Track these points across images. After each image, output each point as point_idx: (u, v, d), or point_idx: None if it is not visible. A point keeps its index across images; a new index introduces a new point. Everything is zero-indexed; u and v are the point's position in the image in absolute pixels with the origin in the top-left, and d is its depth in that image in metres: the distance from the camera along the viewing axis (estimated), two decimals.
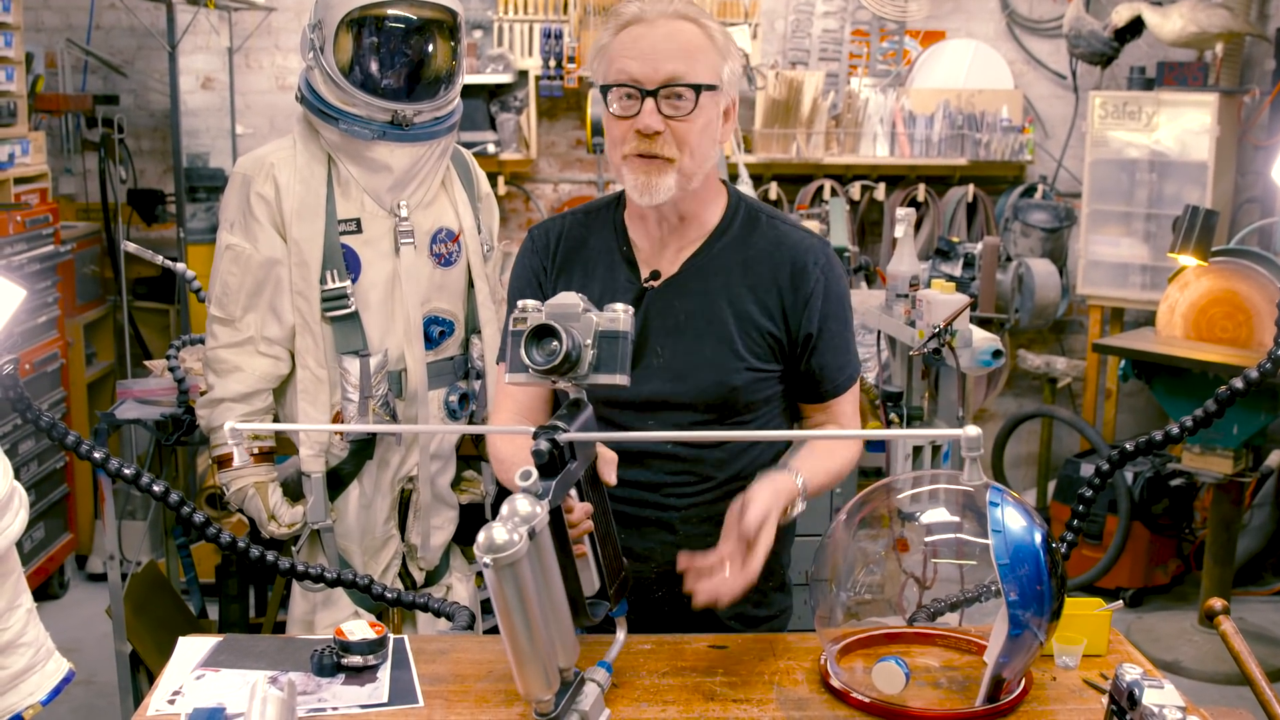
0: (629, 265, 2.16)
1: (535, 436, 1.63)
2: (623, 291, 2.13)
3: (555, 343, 1.66)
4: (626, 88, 2.00)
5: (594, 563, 1.80)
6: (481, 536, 1.50)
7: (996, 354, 3.40)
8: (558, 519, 1.65)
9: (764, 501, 1.88)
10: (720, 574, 1.85)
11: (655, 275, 2.14)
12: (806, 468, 2.04)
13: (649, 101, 1.99)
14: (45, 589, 4.87)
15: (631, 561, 2.12)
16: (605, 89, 2.03)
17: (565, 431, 1.64)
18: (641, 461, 2.10)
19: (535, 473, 1.59)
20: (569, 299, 1.71)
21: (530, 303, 1.72)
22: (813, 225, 4.74)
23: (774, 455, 2.18)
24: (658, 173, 2.02)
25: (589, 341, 1.69)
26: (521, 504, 1.55)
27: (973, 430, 1.47)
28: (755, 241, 2.15)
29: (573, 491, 1.73)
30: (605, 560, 1.81)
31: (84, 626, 4.57)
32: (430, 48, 2.72)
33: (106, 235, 5.64)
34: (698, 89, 2.00)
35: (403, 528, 2.91)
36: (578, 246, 2.20)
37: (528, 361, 1.67)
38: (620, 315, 1.70)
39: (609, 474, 1.81)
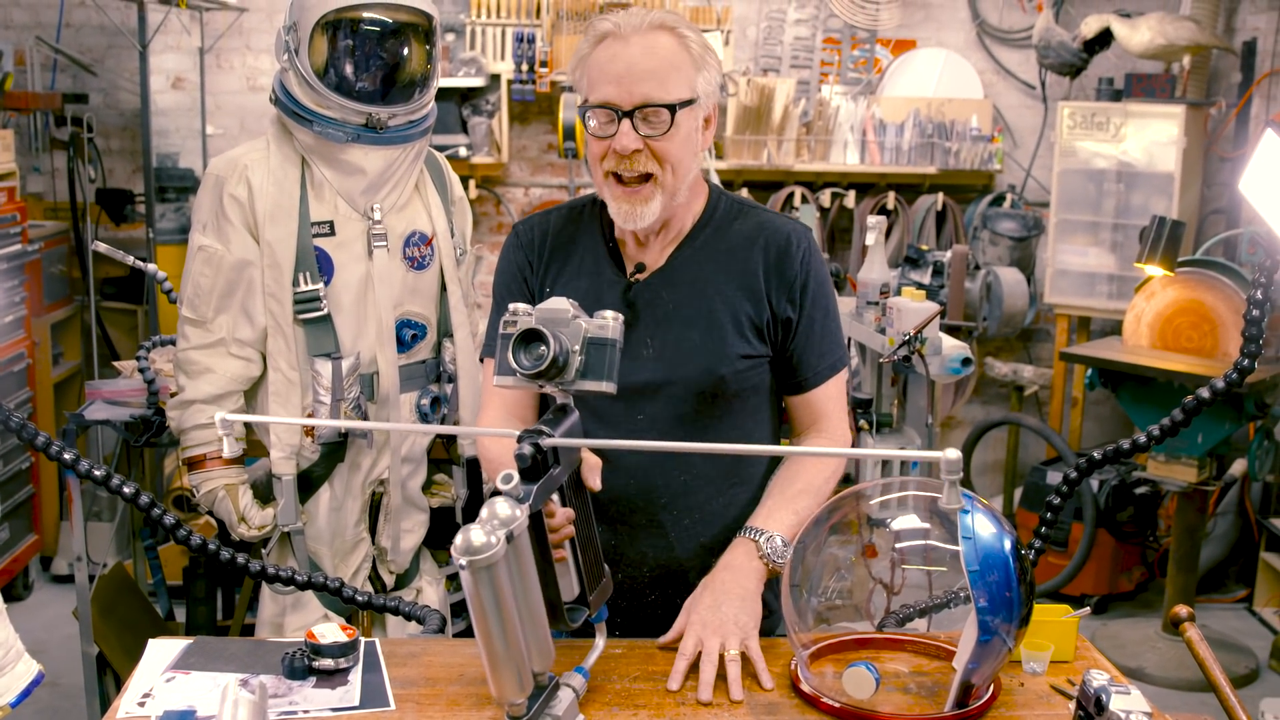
0: (614, 260, 2.17)
1: (519, 440, 1.63)
2: (609, 286, 2.14)
3: (543, 347, 1.67)
4: (604, 109, 2.01)
5: (574, 568, 1.80)
6: (459, 538, 1.50)
7: (966, 362, 3.43)
8: (538, 523, 1.65)
9: (696, 632, 1.95)
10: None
11: (641, 268, 2.15)
12: (776, 520, 2.08)
13: (625, 122, 2.00)
14: (10, 590, 4.83)
15: (625, 566, 2.12)
16: (584, 109, 2.04)
17: (549, 436, 1.65)
18: (629, 461, 2.11)
19: (517, 476, 1.60)
20: (559, 304, 1.71)
21: (521, 306, 1.72)
22: None
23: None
24: (642, 201, 2.04)
25: (577, 348, 1.69)
26: (501, 507, 1.55)
27: (952, 453, 1.47)
28: (738, 228, 2.17)
29: (555, 496, 1.73)
30: (585, 566, 1.81)
31: (49, 628, 4.54)
32: (405, 51, 2.72)
33: (75, 235, 5.61)
34: (672, 108, 2.00)
35: (373, 531, 2.91)
36: (564, 243, 2.21)
37: (514, 365, 1.68)
38: (610, 323, 1.70)
39: (593, 480, 1.81)
